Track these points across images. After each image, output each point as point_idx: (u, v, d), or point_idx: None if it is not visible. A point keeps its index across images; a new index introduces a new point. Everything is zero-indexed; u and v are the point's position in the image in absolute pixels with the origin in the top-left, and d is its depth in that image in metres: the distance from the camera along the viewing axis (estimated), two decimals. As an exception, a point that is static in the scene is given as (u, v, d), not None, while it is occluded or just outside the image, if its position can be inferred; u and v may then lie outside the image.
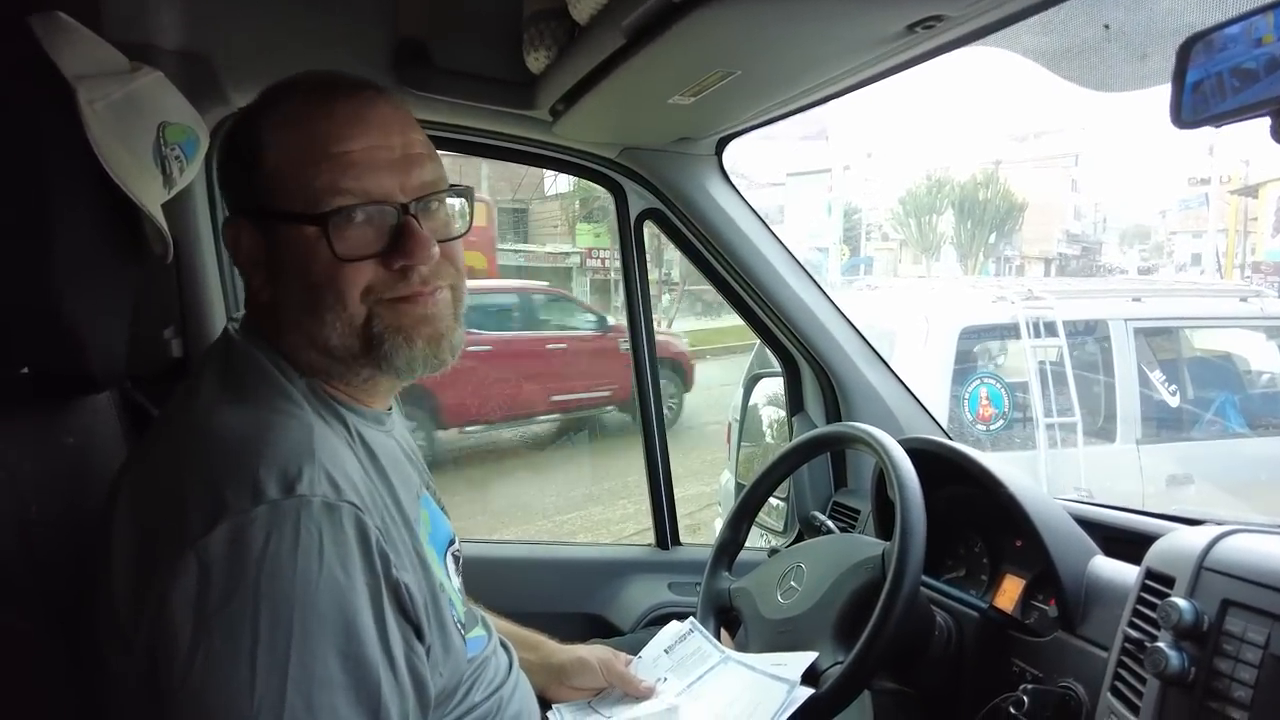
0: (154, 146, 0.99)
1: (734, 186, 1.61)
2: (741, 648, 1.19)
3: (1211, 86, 0.72)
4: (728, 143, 1.55)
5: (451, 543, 0.94)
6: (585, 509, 5.53)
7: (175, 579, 0.62)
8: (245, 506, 0.64)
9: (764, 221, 1.63)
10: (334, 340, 0.78)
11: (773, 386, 2.61)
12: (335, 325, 0.77)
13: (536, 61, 1.23)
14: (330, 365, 0.80)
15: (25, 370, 0.82)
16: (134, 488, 0.73)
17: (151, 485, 0.72)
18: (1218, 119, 0.72)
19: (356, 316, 0.77)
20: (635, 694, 1.09)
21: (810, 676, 1.00)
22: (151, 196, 0.97)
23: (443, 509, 0.96)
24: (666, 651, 1.16)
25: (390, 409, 0.91)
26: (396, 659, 0.69)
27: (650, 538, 1.80)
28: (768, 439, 2.86)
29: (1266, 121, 0.71)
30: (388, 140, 0.78)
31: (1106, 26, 1.02)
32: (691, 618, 1.21)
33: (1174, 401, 3.93)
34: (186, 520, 0.64)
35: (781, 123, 1.45)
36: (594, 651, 1.14)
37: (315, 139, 0.76)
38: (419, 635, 0.74)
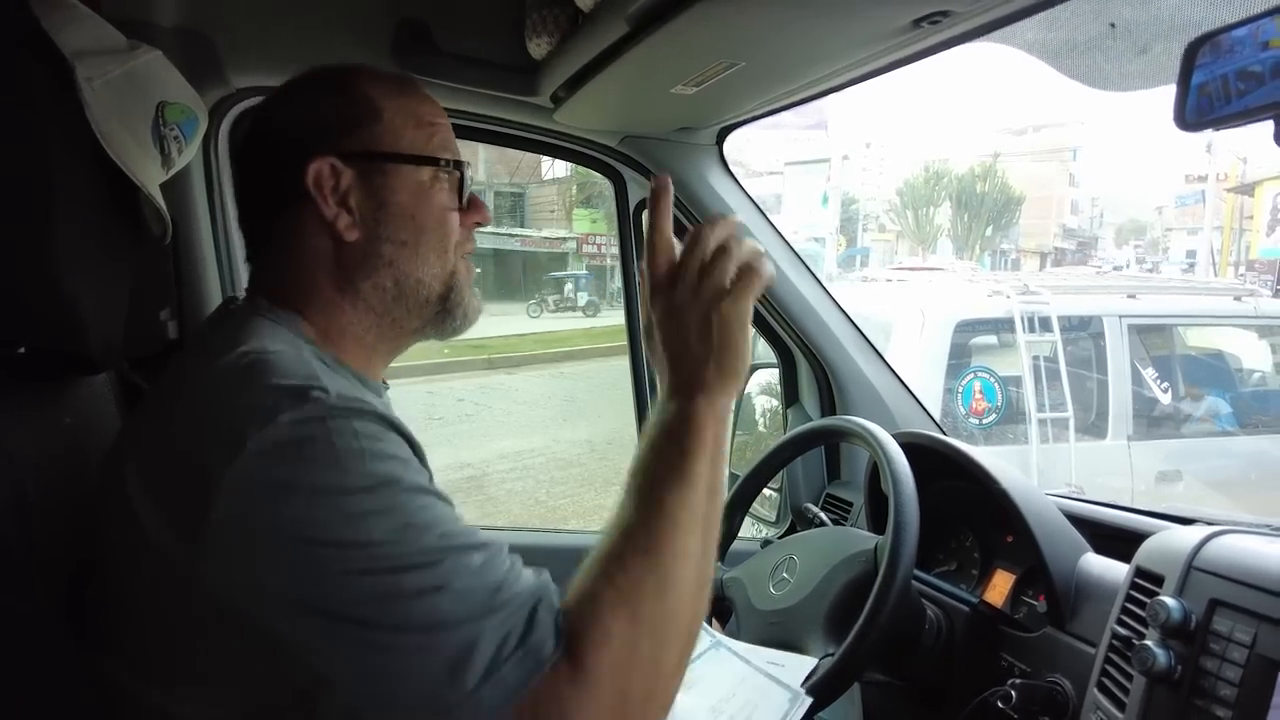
0: (153, 126, 0.98)
1: (734, 176, 1.61)
2: (732, 637, 1.20)
3: (1216, 89, 0.72)
4: (729, 132, 1.55)
5: None
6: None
7: (238, 498, 0.61)
8: (294, 404, 0.64)
9: (763, 212, 1.63)
10: (426, 278, 0.84)
11: (766, 376, 2.63)
12: (437, 267, 0.84)
13: (538, 48, 1.22)
14: (383, 311, 0.84)
15: (22, 351, 0.82)
16: (145, 448, 0.72)
17: (165, 440, 0.70)
18: (1221, 121, 0.72)
19: (450, 262, 0.86)
20: None
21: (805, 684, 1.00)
22: (150, 176, 0.96)
23: None
24: None
25: (386, 384, 0.93)
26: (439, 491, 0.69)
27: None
28: (759, 429, 2.87)
29: (1268, 124, 0.71)
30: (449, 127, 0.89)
31: (1112, 25, 1.01)
32: None
33: (1166, 398, 3.96)
34: (238, 434, 0.62)
35: (781, 112, 1.45)
36: None
37: (418, 110, 0.86)
38: None
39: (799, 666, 1.02)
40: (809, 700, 0.97)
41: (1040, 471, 3.60)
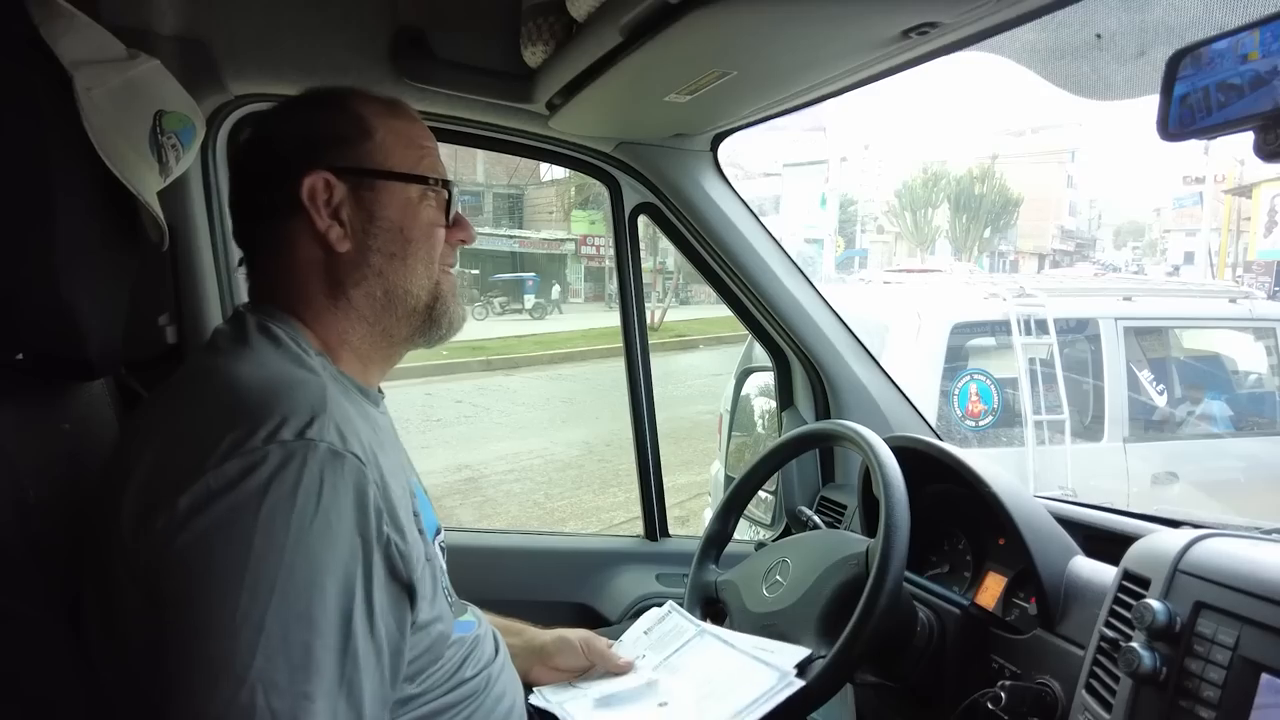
0: (150, 134, 0.99)
1: (728, 182, 1.62)
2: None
3: (1198, 100, 0.73)
4: (723, 138, 1.56)
5: (438, 532, 0.96)
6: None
7: (182, 504, 0.66)
8: (258, 445, 0.68)
9: (757, 217, 1.64)
10: (414, 289, 0.89)
11: (764, 379, 2.63)
12: (424, 278, 0.90)
13: (534, 55, 1.23)
14: (374, 320, 0.88)
15: (21, 356, 0.83)
16: (152, 431, 0.76)
17: (172, 427, 0.75)
18: (1203, 132, 0.74)
19: (435, 274, 0.91)
20: (615, 670, 1.11)
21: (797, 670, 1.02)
22: (147, 184, 0.97)
23: (427, 498, 0.98)
24: (646, 633, 1.18)
25: (381, 392, 0.96)
26: (376, 612, 0.72)
27: (639, 527, 1.82)
28: (758, 431, 2.88)
29: (1250, 135, 0.72)
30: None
31: (1098, 36, 1.03)
32: (670, 601, 1.22)
33: (1161, 401, 3.96)
34: (203, 455, 0.68)
35: (775, 119, 1.46)
36: (575, 631, 1.16)
37: (408, 131, 0.91)
38: (410, 594, 0.77)
39: (788, 653, 1.02)
40: (799, 683, 0.97)
41: (1036, 474, 3.61)
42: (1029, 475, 3.58)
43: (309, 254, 0.87)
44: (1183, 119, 0.75)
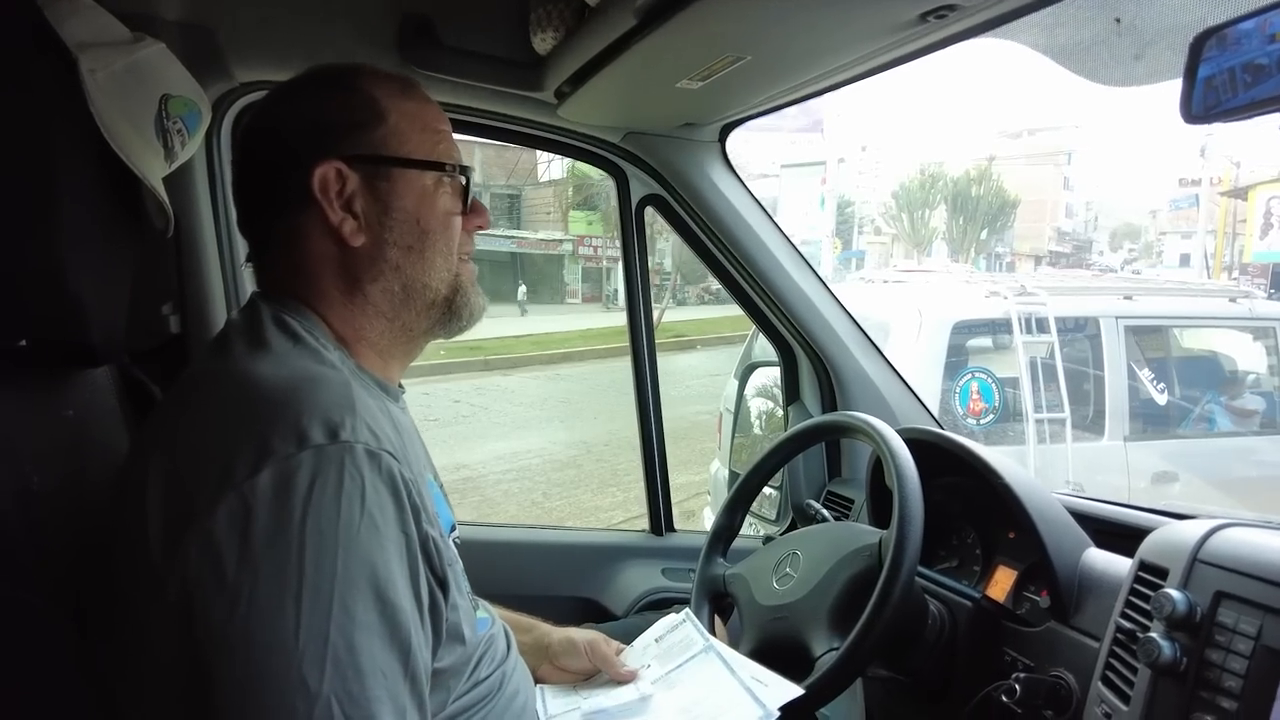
0: (155, 118, 0.98)
1: (736, 174, 1.61)
2: (735, 634, 1.20)
3: (1223, 81, 0.72)
4: (731, 129, 1.55)
5: (452, 529, 0.94)
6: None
7: (219, 520, 0.63)
8: (291, 451, 0.65)
9: (765, 210, 1.63)
10: (433, 282, 0.86)
11: (765, 378, 2.62)
12: (443, 270, 0.86)
13: (543, 42, 1.22)
14: (393, 315, 0.85)
15: (24, 343, 0.81)
16: (169, 439, 0.72)
17: (190, 434, 0.71)
18: (1228, 114, 0.73)
19: (454, 265, 0.87)
20: (616, 678, 1.09)
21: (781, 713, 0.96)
22: (153, 169, 0.96)
23: (444, 495, 0.97)
24: (657, 640, 1.16)
25: (402, 388, 0.93)
26: (424, 608, 0.71)
27: (644, 523, 1.81)
28: (757, 430, 2.87)
29: (1270, 120, 0.71)
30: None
31: (1117, 20, 1.02)
32: (687, 610, 1.20)
33: (1162, 399, 3.97)
34: (231, 465, 0.65)
35: (777, 114, 1.45)
36: (583, 634, 1.14)
37: (422, 114, 0.86)
38: (444, 588, 0.75)
39: (781, 690, 0.97)
40: None
41: (1037, 470, 3.61)
42: (1030, 473, 3.57)
43: (321, 249, 0.83)
44: (1207, 101, 0.74)
